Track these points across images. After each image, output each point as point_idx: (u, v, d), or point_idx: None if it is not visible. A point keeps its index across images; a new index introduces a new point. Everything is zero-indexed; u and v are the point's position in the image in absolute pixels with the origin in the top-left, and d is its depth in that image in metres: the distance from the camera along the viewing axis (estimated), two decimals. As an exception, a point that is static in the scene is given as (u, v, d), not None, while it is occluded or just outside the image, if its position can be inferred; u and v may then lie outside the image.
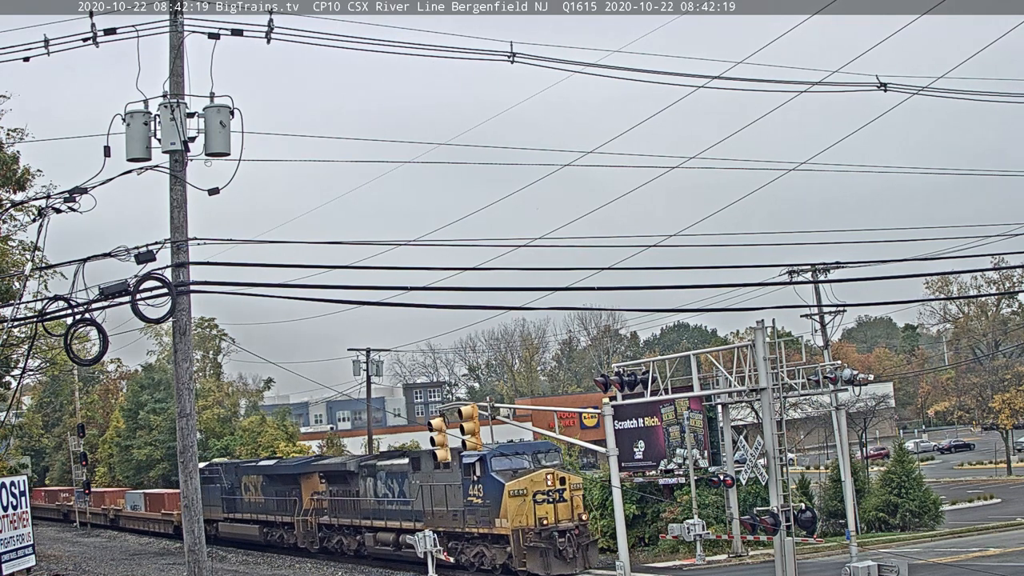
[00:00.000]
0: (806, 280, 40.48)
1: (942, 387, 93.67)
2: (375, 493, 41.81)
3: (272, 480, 50.32)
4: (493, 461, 34.71)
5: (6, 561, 29.46)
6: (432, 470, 37.50)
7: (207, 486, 55.13)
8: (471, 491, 35.49)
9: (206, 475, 55.72)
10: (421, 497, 38.25)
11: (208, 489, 55.21)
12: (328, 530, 45.49)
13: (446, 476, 36.80)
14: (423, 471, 38.35)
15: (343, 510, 44.24)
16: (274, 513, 49.53)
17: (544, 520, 33.55)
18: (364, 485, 42.39)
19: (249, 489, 52.13)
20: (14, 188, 35.55)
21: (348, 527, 43.88)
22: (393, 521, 40.01)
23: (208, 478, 55.68)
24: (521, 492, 33.87)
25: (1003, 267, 61.28)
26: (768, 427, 25.86)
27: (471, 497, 35.48)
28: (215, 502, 54.90)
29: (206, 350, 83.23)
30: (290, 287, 17.93)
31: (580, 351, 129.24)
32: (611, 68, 21.14)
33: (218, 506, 54.77)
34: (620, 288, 21.72)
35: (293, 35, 18.20)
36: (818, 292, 42.32)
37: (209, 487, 55.17)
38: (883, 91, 22.13)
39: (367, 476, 42.35)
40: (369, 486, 42.15)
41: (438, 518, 37.17)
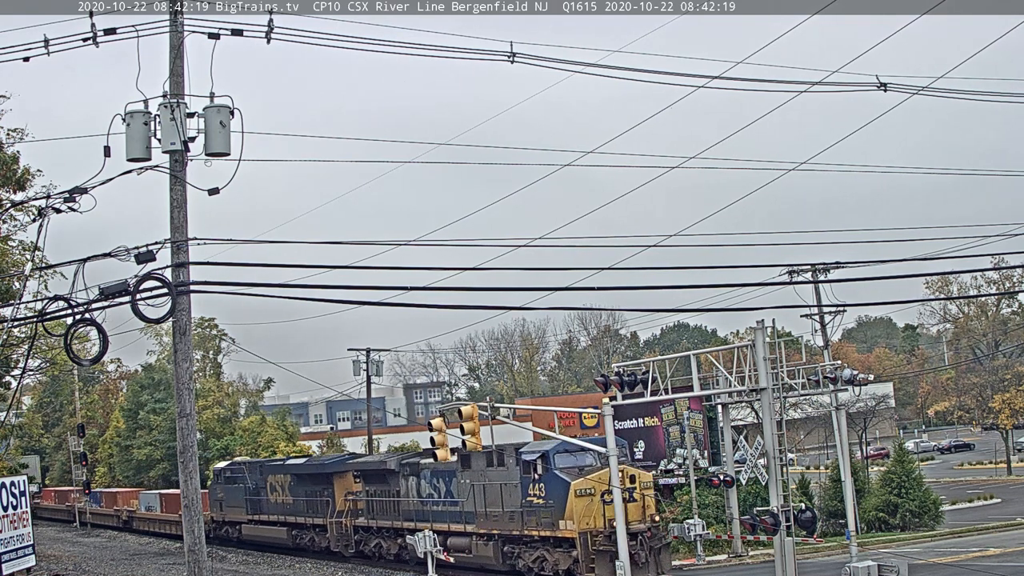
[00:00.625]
0: (806, 280, 40.49)
1: (942, 387, 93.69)
2: (418, 493, 39.42)
3: (302, 480, 47.78)
4: (557, 458, 32.33)
5: (6, 561, 29.46)
6: (484, 468, 35.31)
7: (229, 486, 53.68)
8: (531, 490, 33.06)
9: (228, 475, 54.31)
10: (472, 497, 35.79)
11: (230, 490, 53.59)
12: (365, 533, 43.08)
13: (501, 475, 34.45)
14: (474, 469, 35.88)
15: (382, 511, 41.75)
16: (304, 515, 47.05)
17: (614, 521, 30.42)
18: (406, 485, 39.94)
19: (275, 489, 49.71)
20: (14, 188, 35.56)
21: (388, 530, 41.22)
22: (440, 523, 37.36)
23: (230, 478, 53.97)
24: (588, 491, 31.35)
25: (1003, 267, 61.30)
26: (768, 427, 25.86)
27: (531, 497, 32.96)
28: (238, 503, 52.89)
29: (206, 350, 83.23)
30: (290, 287, 17.95)
31: (580, 351, 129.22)
32: (611, 68, 21.17)
33: (241, 507, 52.60)
34: (620, 288, 21.75)
35: (293, 35, 18.22)
36: (818, 292, 42.34)
37: (231, 487, 53.60)
38: (883, 91, 22.14)
39: (409, 475, 39.91)
40: (411, 486, 39.74)
41: (492, 520, 34.84)
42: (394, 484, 40.68)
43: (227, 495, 54.15)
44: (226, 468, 55.51)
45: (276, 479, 49.55)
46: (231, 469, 54.66)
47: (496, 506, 34.58)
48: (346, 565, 44.05)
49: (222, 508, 54.68)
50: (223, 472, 55.29)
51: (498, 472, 34.59)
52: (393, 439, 73.94)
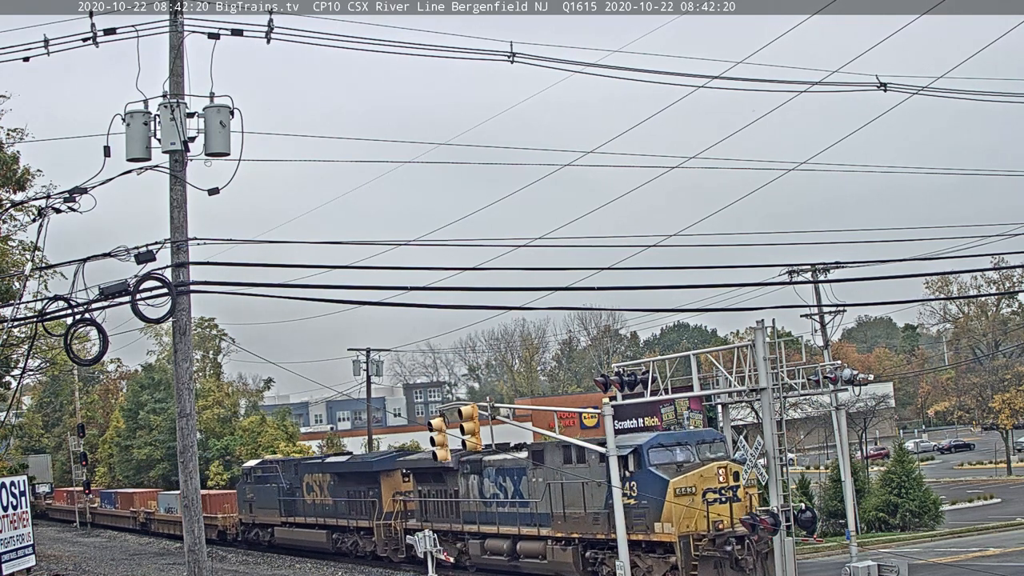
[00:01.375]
0: (806, 280, 40.49)
1: (942, 387, 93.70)
2: (481, 493, 36.33)
3: (343, 479, 44.61)
4: (651, 453, 29.13)
5: (6, 561, 29.45)
6: (561, 465, 32.25)
7: (259, 487, 51.16)
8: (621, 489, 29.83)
9: (259, 475, 51.70)
10: (548, 497, 32.73)
11: (261, 490, 51.07)
12: None
13: (582, 472, 31.38)
14: (548, 466, 32.94)
15: (438, 513, 38.78)
16: (346, 517, 44.02)
17: (719, 524, 27.80)
18: (466, 484, 37.01)
19: (313, 489, 46.80)
20: (14, 188, 35.57)
21: (445, 533, 37.96)
22: (508, 526, 34.37)
23: (262, 478, 51.32)
24: (689, 490, 28.35)
25: (1003, 267, 61.29)
26: (768, 427, 25.86)
27: (623, 498, 29.24)
28: (270, 504, 49.96)
29: (206, 350, 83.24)
30: (290, 287, 17.95)
31: (580, 351, 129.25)
32: (611, 68, 21.16)
33: (274, 509, 49.60)
34: (620, 288, 21.75)
35: (293, 35, 18.22)
36: (818, 292, 42.35)
37: (262, 488, 50.96)
38: (883, 91, 22.14)
39: (470, 473, 36.92)
40: (473, 485, 36.74)
41: (571, 522, 31.78)
42: (452, 483, 37.82)
43: (258, 496, 51.60)
44: (257, 467, 52.88)
45: (314, 478, 46.76)
46: (263, 468, 51.98)
47: (576, 507, 31.53)
48: (346, 565, 43.97)
49: (252, 509, 52.14)
50: (253, 471, 52.66)
51: (578, 469, 31.54)
52: (393, 439, 73.93)
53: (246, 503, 52.32)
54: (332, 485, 45.14)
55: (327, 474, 45.75)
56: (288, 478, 48.82)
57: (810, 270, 40.46)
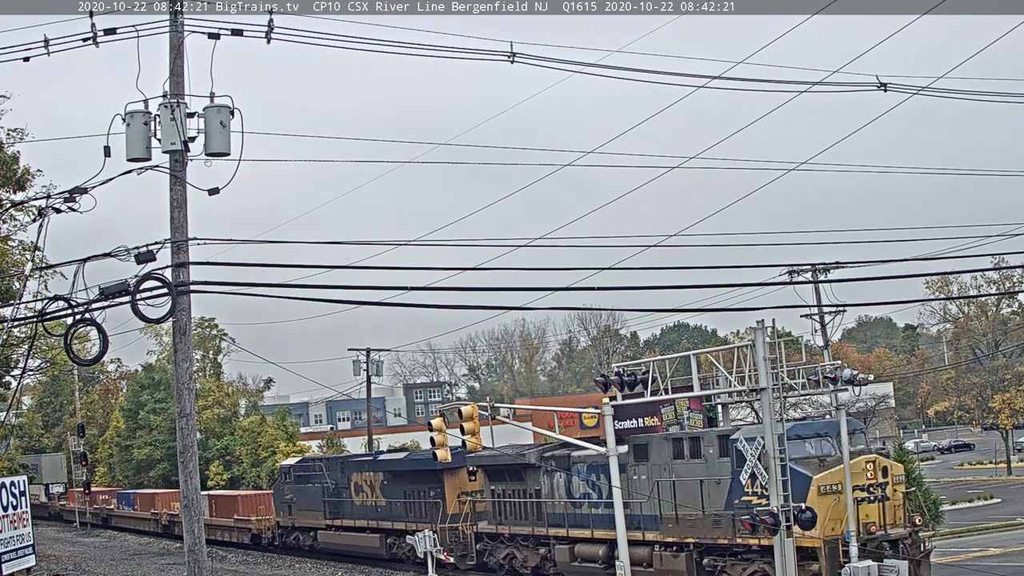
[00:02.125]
0: (806, 280, 40.51)
1: (942, 387, 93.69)
2: (568, 492, 32.92)
3: (399, 477, 41.09)
4: (789, 446, 25.30)
5: (6, 561, 29.46)
6: (670, 460, 28.93)
7: (301, 487, 47.69)
8: (749, 487, 26.49)
9: (300, 473, 47.93)
10: (656, 496, 29.25)
11: (303, 491, 47.55)
12: (491, 541, 36.49)
13: (697, 468, 28.02)
14: (654, 461, 29.51)
15: (516, 515, 35.36)
16: (403, 519, 40.44)
17: (870, 526, 25.14)
18: (551, 482, 33.68)
19: (362, 490, 43.33)
20: (14, 188, 35.60)
21: (525, 537, 34.61)
22: (603, 530, 30.60)
23: (303, 477, 47.61)
24: (834, 488, 25.32)
25: (1003, 267, 61.30)
26: (768, 427, 25.83)
27: (750, 496, 26.43)
28: (313, 506, 46.42)
29: (206, 350, 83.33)
30: (290, 287, 17.97)
31: (580, 351, 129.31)
32: (611, 68, 21.17)
33: (318, 511, 46.04)
34: (620, 288, 21.76)
35: (293, 35, 18.23)
36: (818, 292, 42.37)
37: (304, 488, 47.39)
38: (883, 91, 22.15)
39: (555, 470, 33.59)
40: (558, 483, 33.35)
41: (686, 525, 28.32)
42: (533, 481, 34.42)
43: (298, 496, 47.93)
44: (298, 465, 49.09)
45: (364, 478, 43.21)
46: (304, 466, 48.23)
47: (692, 508, 28.19)
48: (346, 565, 43.91)
49: (291, 511, 48.45)
50: (293, 470, 48.87)
51: (691, 465, 28.26)
52: (393, 439, 73.91)
53: (284, 504, 48.88)
54: (386, 484, 41.90)
55: (380, 472, 42.33)
56: (334, 477, 45.45)
57: (810, 270, 40.48)
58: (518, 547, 35.35)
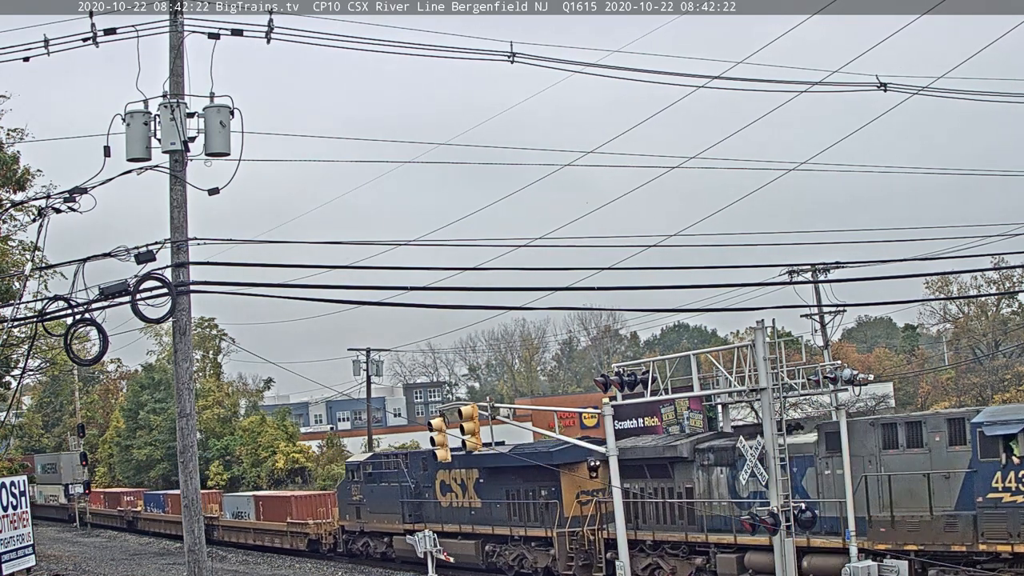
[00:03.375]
0: (806, 280, 40.53)
1: (942, 387, 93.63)
2: (732, 490, 28.56)
3: (500, 475, 36.30)
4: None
5: (6, 561, 29.48)
6: (879, 450, 25.09)
7: (373, 486, 42.82)
8: (996, 482, 22.63)
9: (371, 471, 43.03)
10: (863, 494, 25.47)
11: (375, 490, 42.66)
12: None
13: (917, 460, 24.14)
14: (857, 452, 25.62)
15: (659, 518, 30.65)
16: (505, 523, 35.86)
17: None
18: (707, 478, 29.26)
19: (451, 489, 38.94)
20: (14, 188, 35.63)
21: (676, 545, 29.72)
22: None
23: (375, 475, 42.72)
24: None
25: (1003, 267, 61.29)
26: (768, 427, 25.84)
27: (999, 493, 22.56)
28: (389, 508, 41.31)
29: (206, 350, 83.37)
30: (290, 287, 17.98)
31: (580, 351, 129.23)
32: (611, 68, 21.18)
33: (393, 513, 40.98)
34: (620, 288, 21.77)
35: (293, 35, 18.24)
36: (818, 292, 42.39)
37: (377, 487, 42.52)
38: (883, 91, 22.15)
39: (713, 465, 29.18)
40: (718, 480, 29.07)
41: (903, 529, 24.43)
42: (683, 478, 30.06)
43: (369, 497, 43.07)
44: (368, 462, 43.92)
45: (453, 475, 38.69)
46: (377, 463, 43.23)
47: (912, 508, 24.26)
48: (345, 565, 43.89)
49: (360, 514, 43.64)
50: (363, 468, 43.80)
51: (909, 457, 24.40)
52: (393, 439, 73.98)
53: (351, 506, 44.18)
54: (482, 483, 37.36)
55: (474, 469, 37.42)
56: (415, 475, 40.63)
57: (810, 270, 40.50)
58: (663, 556, 30.21)
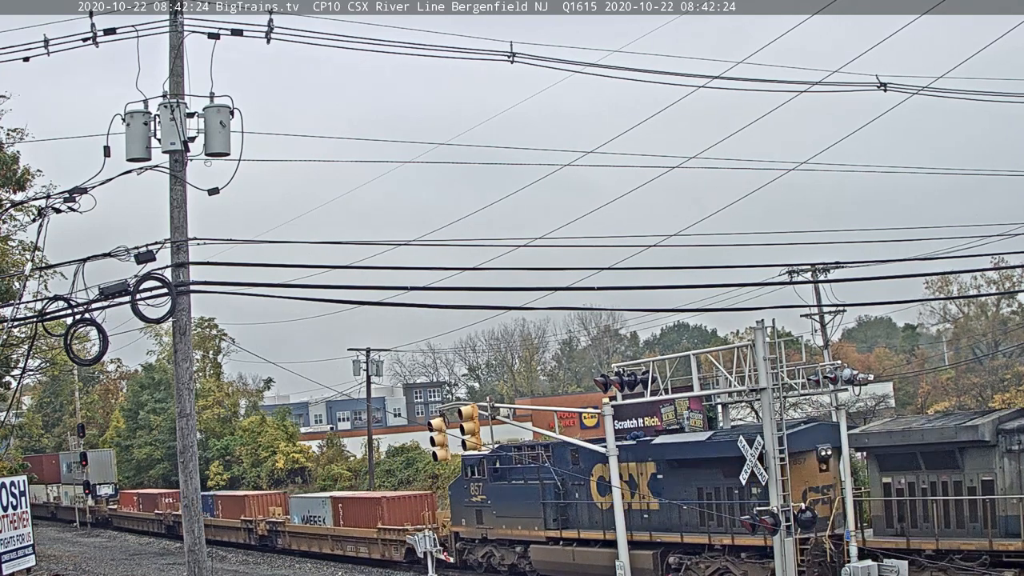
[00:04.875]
0: (806, 280, 40.55)
1: (942, 387, 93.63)
2: None
3: (688, 468, 29.92)
4: None
5: (6, 561, 29.48)
6: None
7: (501, 484, 36.51)
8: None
9: (495, 467, 36.68)
10: None
11: (503, 491, 36.28)
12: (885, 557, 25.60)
13: None
14: None
15: (941, 520, 25.22)
16: (700, 529, 29.33)
17: None
18: (1016, 467, 23.79)
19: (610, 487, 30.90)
20: (14, 188, 35.64)
21: (969, 555, 24.11)
22: None
23: (503, 471, 36.42)
24: None
25: (1003, 267, 61.27)
26: (768, 427, 25.85)
27: None
28: (523, 511, 34.87)
29: (206, 350, 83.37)
30: (290, 287, 17.97)
31: (580, 351, 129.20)
32: (611, 68, 21.18)
33: (532, 517, 34.43)
34: (620, 288, 21.79)
35: (293, 35, 18.24)
36: (818, 292, 42.40)
37: (506, 487, 36.18)
38: (883, 91, 22.15)
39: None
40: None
41: None
42: (980, 468, 24.24)
43: (496, 498, 36.45)
44: (495, 456, 37.31)
45: (619, 470, 30.69)
46: (507, 457, 36.67)
47: None
48: (345, 565, 43.87)
49: (481, 519, 37.07)
50: (487, 463, 37.14)
51: None
52: (393, 439, 73.93)
53: (470, 510, 37.45)
54: (660, 479, 31.04)
55: (650, 462, 31.33)
56: (562, 470, 34.26)
57: (810, 270, 40.52)
58: (946, 571, 24.58)
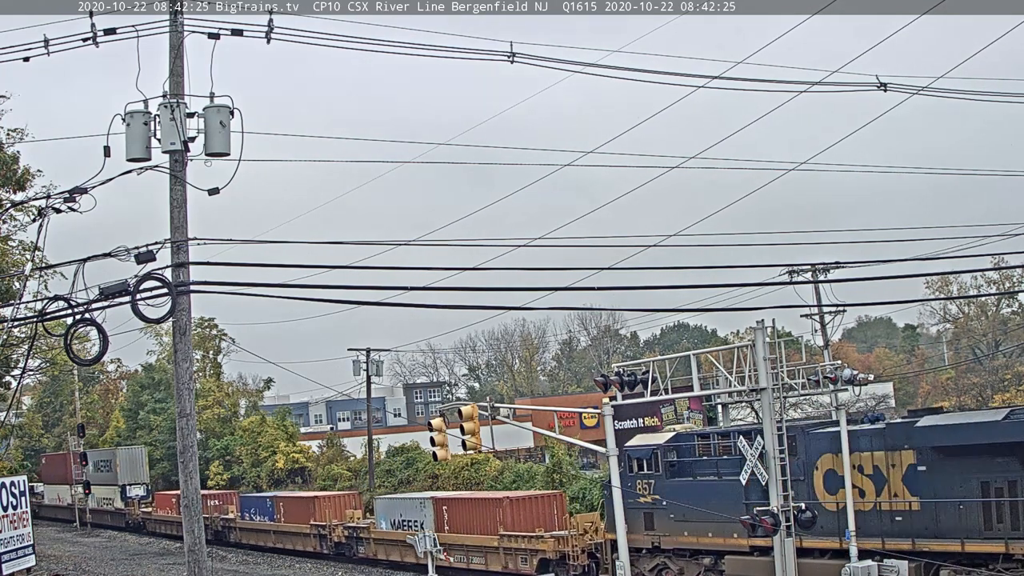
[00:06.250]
0: (806, 280, 40.58)
1: (942, 387, 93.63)
2: None
3: (964, 458, 23.68)
4: None
5: (6, 561, 29.49)
6: None
7: (681, 481, 30.39)
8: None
9: (672, 461, 30.70)
10: None
11: (685, 488, 29.98)
12: None
13: None
14: None
15: None
16: (986, 535, 23.39)
17: None
18: None
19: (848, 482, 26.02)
20: (14, 188, 35.65)
21: None
22: None
23: (683, 465, 30.52)
24: None
25: (1003, 267, 61.27)
26: (768, 427, 25.85)
27: None
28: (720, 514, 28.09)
29: (206, 350, 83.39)
30: (290, 287, 17.96)
31: (580, 351, 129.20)
32: (611, 68, 21.17)
33: (727, 522, 28.04)
34: (620, 288, 21.78)
35: (293, 35, 18.23)
36: (818, 292, 42.42)
37: (690, 483, 30.12)
38: (883, 91, 22.15)
39: None
40: None
41: None
42: None
43: (674, 498, 29.99)
44: (673, 446, 31.08)
45: (861, 459, 26.09)
46: (688, 447, 30.64)
47: None
48: (346, 565, 43.92)
49: (651, 523, 30.78)
50: (660, 455, 30.94)
51: None
52: (393, 439, 73.95)
53: (635, 512, 30.41)
54: (924, 472, 24.75)
55: (907, 451, 24.82)
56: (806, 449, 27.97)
57: (810, 270, 40.54)
58: None
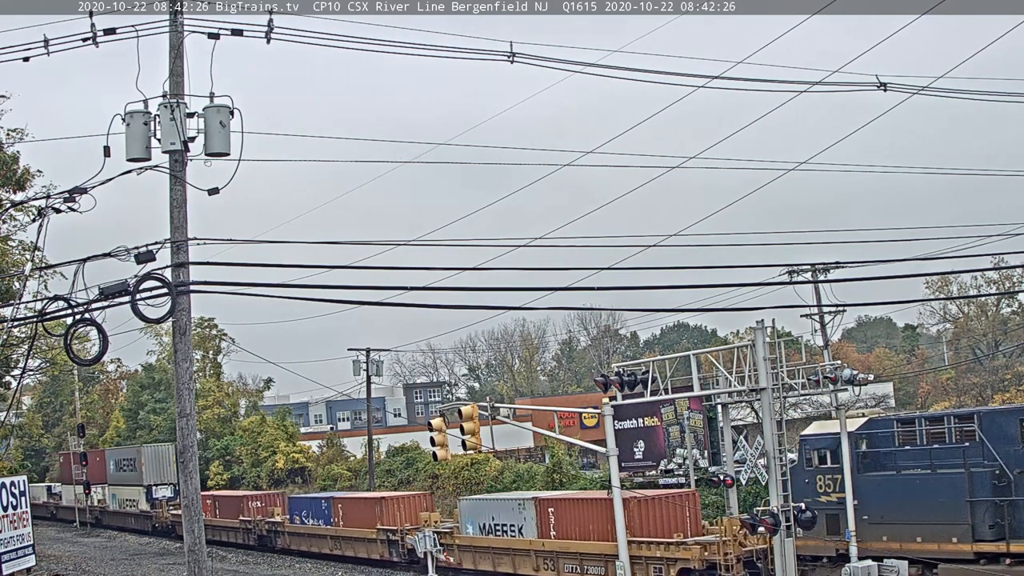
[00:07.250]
0: (806, 280, 40.57)
1: (942, 387, 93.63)
2: None
3: None
4: None
5: (6, 561, 29.49)
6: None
7: (879, 476, 27.47)
8: None
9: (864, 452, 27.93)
10: None
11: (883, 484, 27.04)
12: None
13: None
14: None
15: None
16: None
17: None
18: None
19: None
20: (14, 188, 35.65)
21: None
22: None
23: (879, 457, 27.59)
24: None
25: (1003, 267, 61.29)
26: (768, 427, 25.86)
27: None
28: (933, 515, 25.36)
29: (206, 350, 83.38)
30: (290, 287, 17.96)
31: (580, 351, 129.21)
32: (611, 68, 21.17)
33: (950, 523, 24.87)
34: (620, 288, 21.79)
35: (293, 35, 18.22)
36: (818, 292, 42.41)
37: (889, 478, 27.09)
38: (883, 91, 22.15)
39: None
40: None
41: None
42: None
43: (868, 495, 27.20)
44: (865, 434, 28.04)
45: None
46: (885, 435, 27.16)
47: None
48: (346, 565, 43.94)
49: (837, 527, 27.77)
50: (853, 443, 27.56)
51: None
52: (393, 439, 73.97)
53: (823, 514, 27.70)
54: None
55: None
56: (1006, 451, 24.57)
57: (810, 270, 40.54)
58: None
